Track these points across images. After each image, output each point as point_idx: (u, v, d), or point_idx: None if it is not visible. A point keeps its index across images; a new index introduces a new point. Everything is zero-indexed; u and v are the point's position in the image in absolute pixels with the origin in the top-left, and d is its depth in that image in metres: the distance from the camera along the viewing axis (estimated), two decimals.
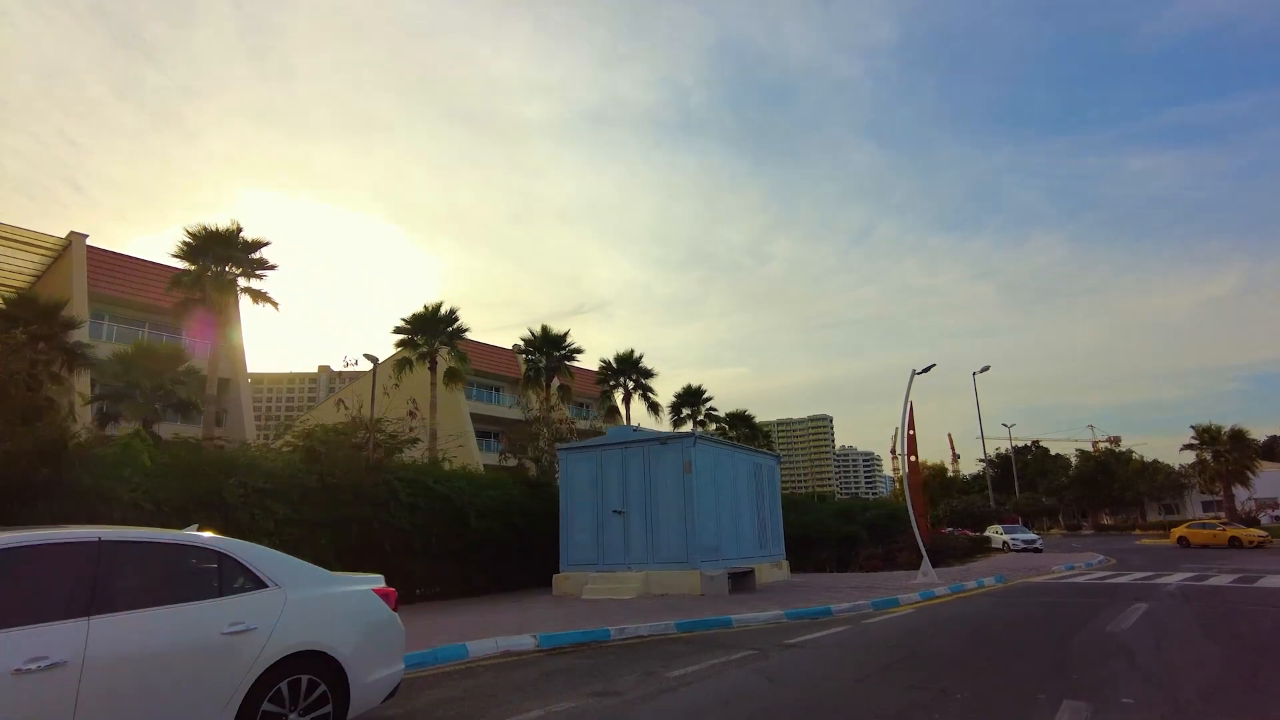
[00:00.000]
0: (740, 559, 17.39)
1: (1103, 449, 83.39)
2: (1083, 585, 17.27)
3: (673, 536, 16.01)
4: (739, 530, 17.77)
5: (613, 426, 19.21)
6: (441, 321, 29.62)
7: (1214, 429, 45.53)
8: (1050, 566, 23.32)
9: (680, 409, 46.76)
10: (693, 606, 13.20)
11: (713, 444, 17.44)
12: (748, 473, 18.68)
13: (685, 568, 15.68)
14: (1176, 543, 38.17)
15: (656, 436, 16.66)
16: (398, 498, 16.00)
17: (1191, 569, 21.97)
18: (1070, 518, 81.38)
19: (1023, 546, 37.61)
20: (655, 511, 16.33)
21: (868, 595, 14.38)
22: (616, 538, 16.66)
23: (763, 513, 19.14)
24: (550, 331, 34.14)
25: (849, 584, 17.45)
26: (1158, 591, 15.04)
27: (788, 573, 19.91)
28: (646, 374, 39.97)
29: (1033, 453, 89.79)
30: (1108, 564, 26.37)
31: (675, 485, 16.18)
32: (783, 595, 15.04)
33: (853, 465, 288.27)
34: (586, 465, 17.45)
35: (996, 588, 17.15)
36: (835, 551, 26.70)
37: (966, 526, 46.78)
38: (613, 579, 16.14)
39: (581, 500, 17.31)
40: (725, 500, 17.35)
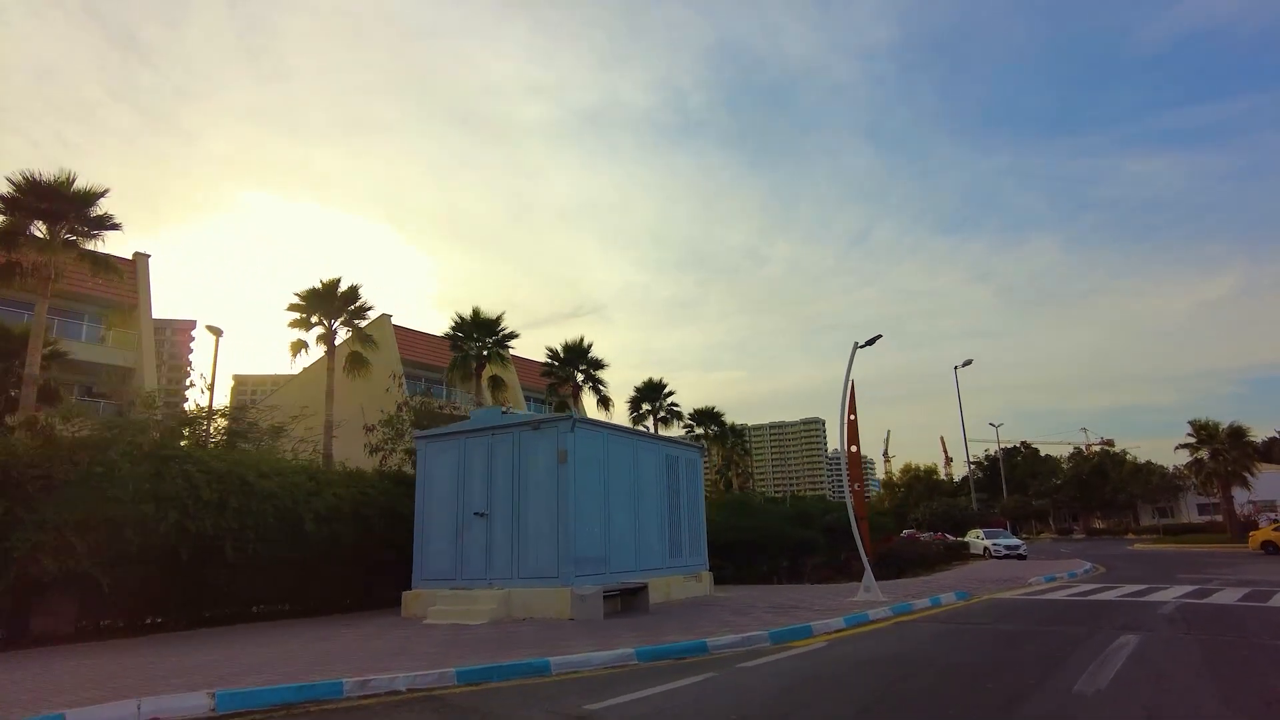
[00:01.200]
0: (637, 571, 14.11)
1: (1096, 451, 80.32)
2: (1061, 604, 14.04)
3: (543, 545, 12.72)
4: (640, 537, 14.50)
5: (479, 408, 15.95)
6: (341, 299, 26.25)
7: (1211, 426, 42.39)
8: (1028, 578, 20.08)
9: (639, 404, 43.49)
10: (537, 638, 9.92)
11: (602, 430, 14.15)
12: (655, 467, 15.40)
13: (555, 584, 12.39)
14: (1261, 549, 32.13)
15: (528, 420, 13.39)
16: (197, 494, 12.69)
17: (1189, 580, 18.76)
18: (1061, 521, 78.25)
19: (1005, 553, 34.42)
20: (524, 513, 13.05)
21: (780, 620, 11.12)
22: (478, 546, 13.37)
23: (676, 515, 15.87)
24: (481, 315, 30.82)
25: (770, 602, 14.18)
26: (1151, 614, 11.81)
27: (709, 586, 16.62)
28: (597, 364, 36.70)
29: (1022, 454, 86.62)
30: (1095, 573, 23.15)
31: (548, 481, 12.90)
32: (673, 619, 11.76)
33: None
34: (448, 456, 14.17)
35: (953, 608, 13.90)
36: (789, 560, 23.47)
37: (947, 531, 43.60)
38: (466, 598, 12.85)
39: (441, 499, 14.03)
40: (620, 500, 14.08)
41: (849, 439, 15.08)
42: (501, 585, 12.84)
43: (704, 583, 16.47)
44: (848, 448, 15.05)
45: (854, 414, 15.24)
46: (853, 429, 15.13)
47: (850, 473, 15.16)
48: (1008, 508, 72.96)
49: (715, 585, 19.03)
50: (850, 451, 15.07)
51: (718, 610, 13.05)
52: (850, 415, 15.22)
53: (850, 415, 15.22)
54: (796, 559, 23.85)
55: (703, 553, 16.76)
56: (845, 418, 15.22)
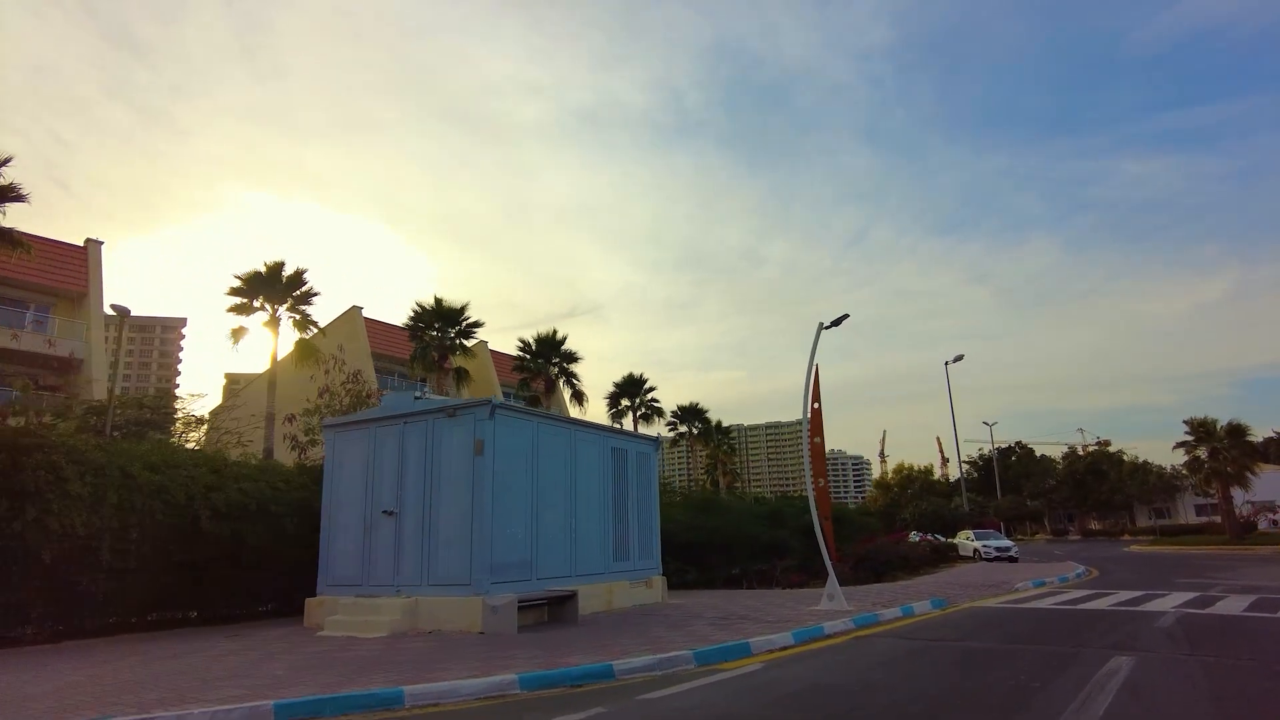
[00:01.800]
0: (572, 577, 12.55)
1: (1091, 450, 78.84)
2: (1046, 615, 12.51)
3: (455, 548, 11.16)
4: (576, 538, 12.94)
5: (391, 394, 14.39)
6: (287, 283, 24.63)
7: (1210, 424, 40.90)
8: (1015, 582, 18.56)
9: (618, 400, 42.02)
10: (421, 657, 8.37)
11: (530, 419, 12.56)
12: (598, 460, 13.84)
13: (467, 593, 10.83)
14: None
15: (443, 405, 11.82)
16: (64, 487, 11.13)
17: (1189, 586, 17.26)
18: (1056, 522, 76.82)
19: (995, 555, 32.92)
20: (436, 512, 11.48)
21: (718, 635, 9.59)
22: (386, 548, 11.80)
23: (623, 514, 14.31)
24: (444, 304, 29.25)
25: (722, 612, 12.63)
26: (1147, 628, 10.29)
27: (661, 593, 15.07)
28: (571, 357, 35.16)
29: (1017, 454, 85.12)
30: (1088, 578, 21.65)
31: (464, 475, 11.33)
32: (597, 634, 10.21)
33: (841, 469, 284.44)
34: (358, 447, 12.60)
35: (925, 618, 12.37)
36: (760, 562, 21.96)
37: (938, 532, 42.10)
38: (368, 607, 11.28)
39: (349, 495, 12.47)
40: (552, 497, 12.52)
41: (812, 429, 13.53)
42: (410, 593, 11.28)
43: (655, 589, 14.91)
44: (810, 438, 13.51)
45: (817, 402, 13.70)
46: (816, 418, 13.59)
47: (813, 466, 13.61)
48: (1001, 508, 71.52)
49: (674, 591, 17.51)
50: (813, 443, 13.53)
51: (655, 622, 11.49)
52: (814, 403, 13.67)
53: (814, 403, 13.67)
54: (771, 562, 22.34)
55: (655, 556, 15.21)
56: (808, 405, 13.66)
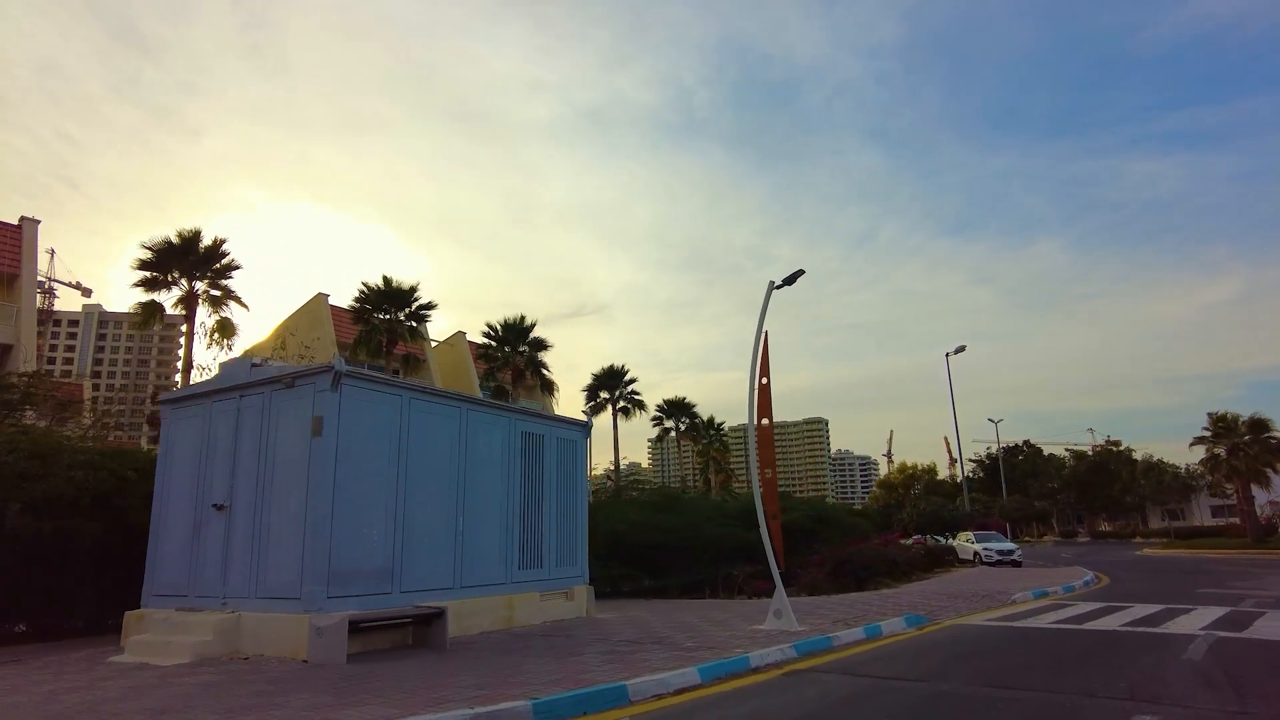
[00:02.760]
0: (455, 589, 10.17)
1: (1099, 448, 75.87)
2: (1044, 639, 10.06)
3: (287, 551, 8.80)
4: (465, 542, 10.54)
5: (230, 360, 11.99)
6: (204, 255, 22.32)
7: (1230, 419, 38.18)
8: (1012, 593, 16.09)
9: (596, 392, 39.66)
10: (168, 702, 6.01)
11: (397, 392, 10.11)
12: (500, 446, 11.43)
13: (296, 608, 8.46)
14: None
15: (280, 374, 9.44)
16: None
17: (1215, 598, 14.77)
18: (1065, 523, 74.02)
19: (997, 559, 30.40)
20: (269, 506, 9.13)
21: (604, 671, 7.21)
22: (215, 550, 9.45)
23: (536, 512, 11.91)
24: (393, 284, 26.92)
25: (640, 632, 10.23)
26: (1174, 662, 7.85)
27: (585, 605, 12.66)
28: (540, 345, 32.82)
29: (1024, 453, 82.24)
30: (1097, 586, 19.15)
31: (300, 459, 8.98)
32: (449, 665, 7.83)
33: (848, 470, 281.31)
34: (193, 426, 10.26)
35: (893, 641, 9.95)
36: (731, 567, 19.57)
37: (937, 533, 39.57)
38: (180, 624, 8.94)
39: (182, 485, 10.12)
40: (429, 489, 10.13)
41: (759, 409, 11.11)
42: (236, 606, 8.93)
43: (578, 600, 12.51)
44: (757, 420, 11.09)
45: (766, 376, 11.27)
46: (764, 396, 11.16)
47: (760, 455, 11.18)
48: (1007, 509, 68.81)
49: (616, 601, 15.21)
50: (759, 426, 11.11)
51: (542, 648, 9.09)
52: (761, 378, 11.24)
53: (761, 378, 11.24)
54: (741, 566, 19.93)
55: (579, 562, 12.80)
56: (755, 381, 11.23)
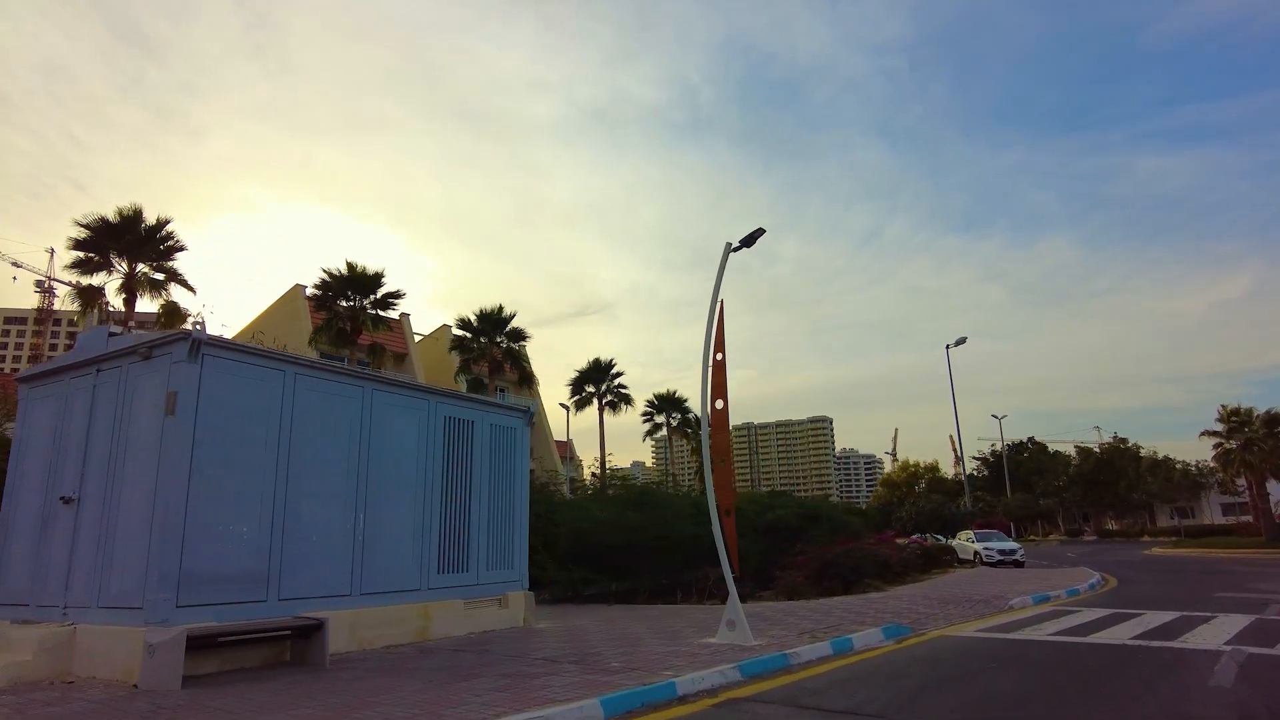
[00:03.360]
0: (353, 596, 8.73)
1: (1106, 445, 74.02)
2: (1041, 657, 8.57)
3: (134, 549, 7.37)
4: (367, 540, 9.09)
5: (89, 330, 10.47)
6: (147, 234, 20.84)
7: (1244, 412, 36.55)
8: (1010, 598, 14.60)
9: (582, 385, 38.19)
10: None
11: (276, 365, 8.58)
12: (416, 433, 9.97)
13: (137, 619, 7.02)
14: None
15: (137, 344, 7.99)
16: None
17: (1235, 604, 13.26)
18: (1071, 522, 72.28)
19: (999, 559, 28.87)
20: (119, 497, 7.71)
21: (489, 701, 5.77)
22: (62, 550, 8.02)
23: (462, 508, 10.45)
24: (357, 270, 25.47)
25: (568, 649, 8.77)
26: (1199, 688, 6.37)
27: (524, 613, 11.19)
28: (519, 335, 31.35)
29: (1029, 450, 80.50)
30: (1104, 589, 17.64)
31: (154, 443, 7.55)
32: (313, 693, 6.40)
33: (853, 468, 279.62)
34: (49, 406, 8.83)
35: (864, 659, 8.48)
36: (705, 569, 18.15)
37: (937, 532, 38.03)
38: (4, 641, 7.51)
39: (35, 475, 8.70)
40: (319, 480, 8.67)
41: (713, 389, 9.62)
42: (76, 617, 7.51)
43: (513, 608, 11.04)
44: (711, 403, 9.61)
45: (721, 352, 9.79)
46: (719, 374, 9.67)
47: (713, 442, 9.69)
48: (1011, 507, 67.22)
49: (573, 608, 13.78)
50: (714, 409, 9.63)
51: (438, 667, 7.62)
52: (716, 354, 9.76)
53: (716, 354, 9.76)
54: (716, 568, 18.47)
55: (518, 565, 11.34)
56: (709, 356, 9.75)
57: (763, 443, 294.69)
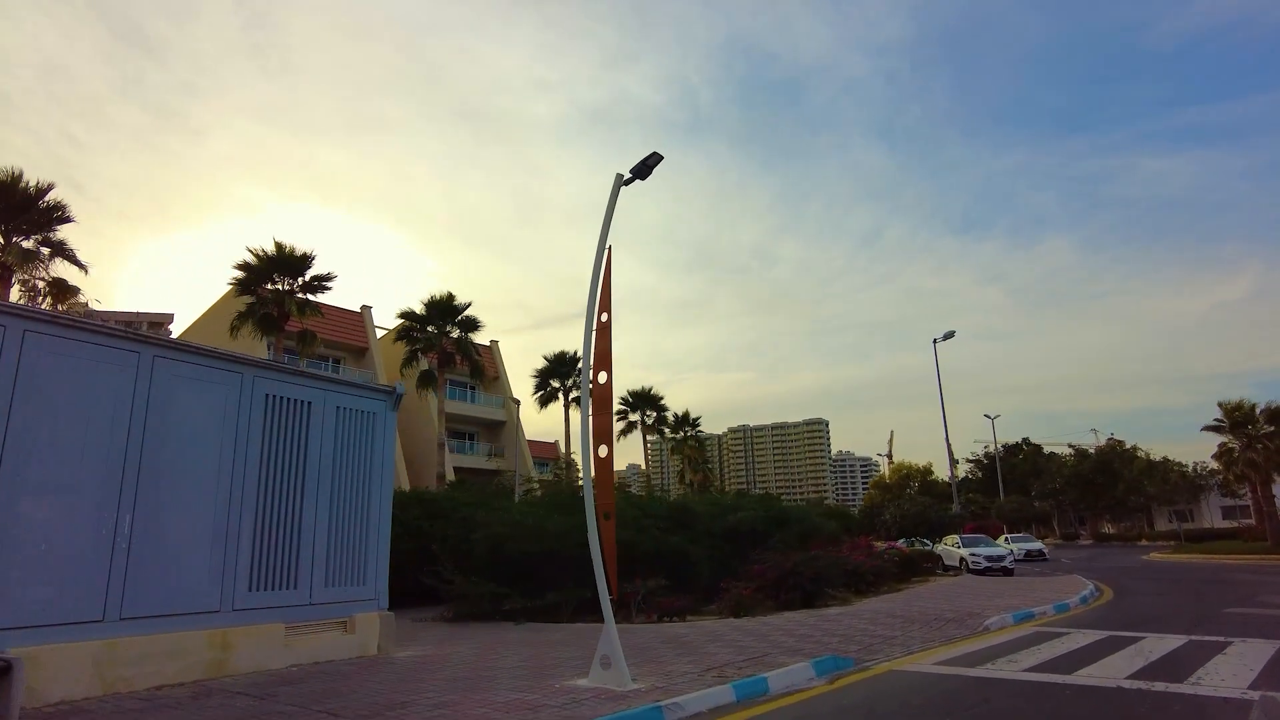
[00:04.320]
0: (106, 623, 6.62)
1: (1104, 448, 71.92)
2: (1008, 707, 6.47)
3: None
4: (139, 548, 6.97)
5: None
6: (22, 204, 18.45)
7: (1246, 407, 34.49)
8: (987, 615, 12.51)
9: (547, 380, 36.10)
10: None
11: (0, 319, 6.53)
12: (219, 414, 7.84)
13: None
14: None
15: None
16: None
17: (1250, 622, 11.17)
18: (1066, 525, 70.21)
19: (986, 566, 26.75)
20: None
21: None
22: None
23: (286, 510, 8.33)
24: (286, 250, 23.32)
25: (385, 692, 6.67)
26: None
27: (375, 639, 9.06)
28: (471, 324, 29.21)
29: (1024, 451, 78.42)
30: (1097, 602, 15.57)
31: None
32: None
33: (849, 471, 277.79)
34: None
35: (783, 705, 6.39)
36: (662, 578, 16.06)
37: (923, 536, 35.94)
38: None
39: None
40: (58, 466, 6.57)
41: (596, 360, 7.48)
42: None
43: (361, 634, 8.91)
44: (593, 375, 7.50)
45: (607, 312, 7.65)
46: (603, 339, 7.55)
47: (595, 420, 7.54)
48: (1005, 510, 65.22)
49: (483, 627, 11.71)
50: (595, 384, 7.50)
51: None
52: (601, 314, 7.64)
53: (601, 314, 7.64)
54: (680, 576, 16.38)
55: (372, 580, 9.21)
56: (593, 317, 7.63)
57: (759, 445, 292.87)
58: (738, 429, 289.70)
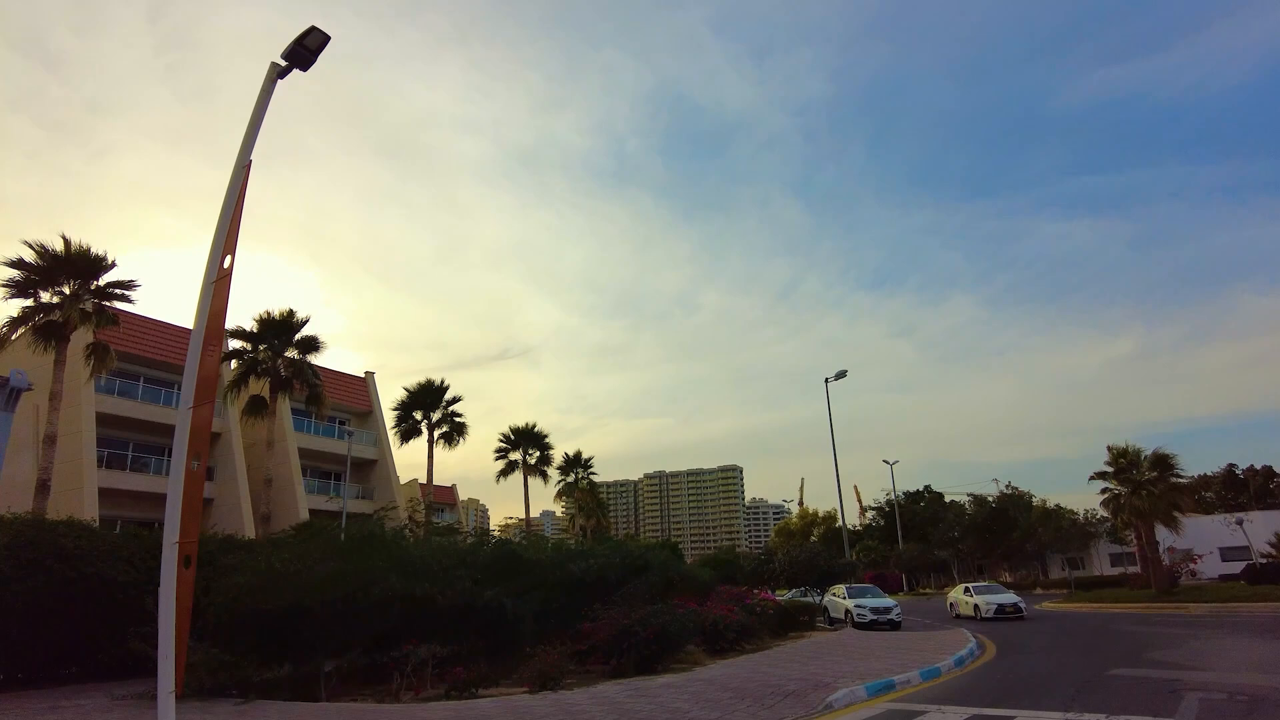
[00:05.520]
0: None
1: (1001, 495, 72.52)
2: None
3: None
4: None
5: None
6: None
7: (1132, 451, 34.19)
8: (835, 688, 10.16)
9: (409, 412, 32.69)
10: None
11: None
12: None
13: None
14: None
15: None
16: None
17: (1134, 685, 9.14)
18: (967, 574, 70.02)
19: (871, 619, 24.73)
20: None
21: None
22: None
23: None
24: (75, 250, 19.60)
25: None
26: None
27: None
28: (310, 346, 25.85)
29: (925, 499, 78.55)
30: (976, 662, 13.50)
31: None
32: None
33: (762, 518, 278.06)
34: None
35: None
36: (477, 637, 13.20)
37: (815, 584, 33.87)
38: None
39: None
40: None
41: (211, 326, 4.76)
42: None
43: None
44: (203, 344, 4.77)
45: (232, 253, 4.85)
46: (220, 295, 4.75)
47: (193, 423, 4.75)
48: (905, 558, 64.55)
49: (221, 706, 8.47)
50: (205, 356, 4.71)
51: None
52: (225, 256, 4.89)
53: (225, 256, 4.89)
54: (491, 637, 13.54)
55: None
56: (218, 260, 4.82)
57: (674, 492, 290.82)
58: (654, 475, 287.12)
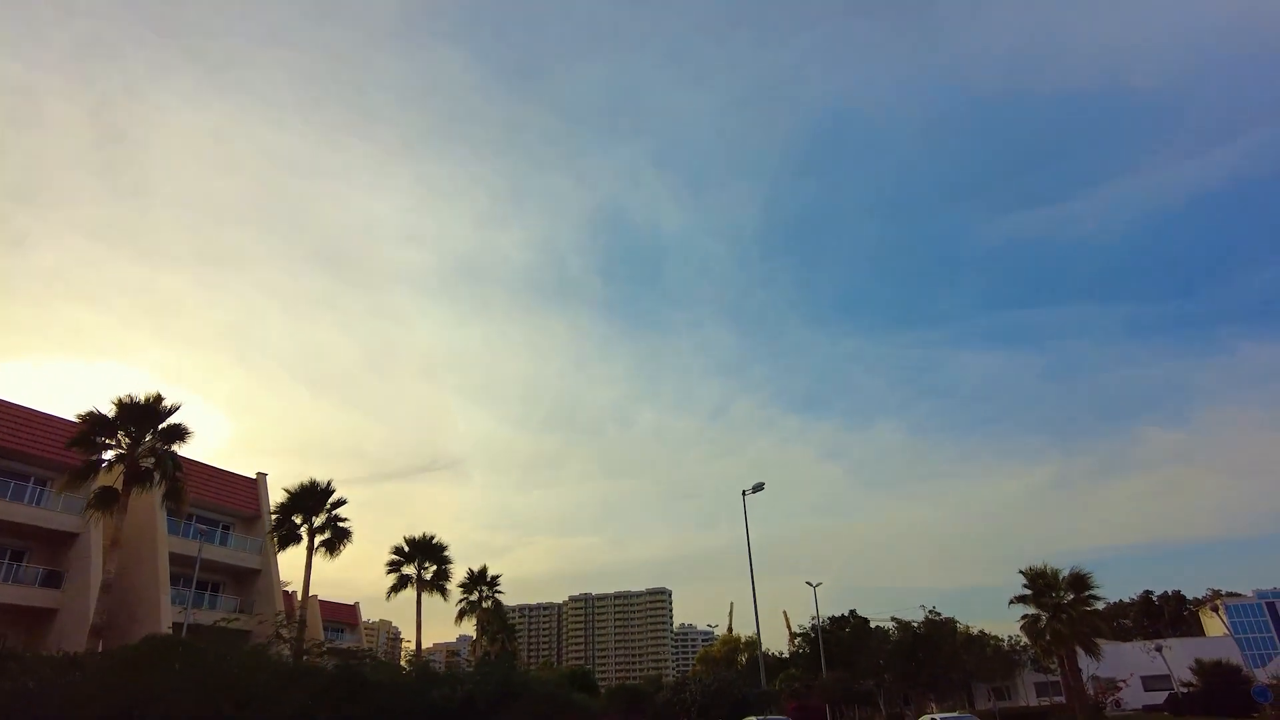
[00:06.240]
0: None
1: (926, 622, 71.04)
2: None
3: None
4: None
5: None
6: None
7: (1050, 572, 33.59)
8: None
9: (289, 514, 29.75)
10: None
11: None
12: None
13: None
14: None
15: None
16: None
17: None
18: (891, 703, 67.20)
19: None
20: None
21: None
22: None
23: None
24: None
25: None
26: None
27: None
28: (176, 434, 23.35)
29: (851, 625, 76.40)
30: None
31: None
32: None
33: (690, 644, 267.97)
34: None
35: None
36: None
37: (726, 715, 31.27)
38: None
39: None
40: None
41: None
42: None
43: None
44: None
45: None
46: None
47: None
48: (828, 686, 61.62)
49: None
50: None
51: None
52: None
53: None
54: None
55: None
56: None
57: (600, 615, 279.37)
58: (579, 597, 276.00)
